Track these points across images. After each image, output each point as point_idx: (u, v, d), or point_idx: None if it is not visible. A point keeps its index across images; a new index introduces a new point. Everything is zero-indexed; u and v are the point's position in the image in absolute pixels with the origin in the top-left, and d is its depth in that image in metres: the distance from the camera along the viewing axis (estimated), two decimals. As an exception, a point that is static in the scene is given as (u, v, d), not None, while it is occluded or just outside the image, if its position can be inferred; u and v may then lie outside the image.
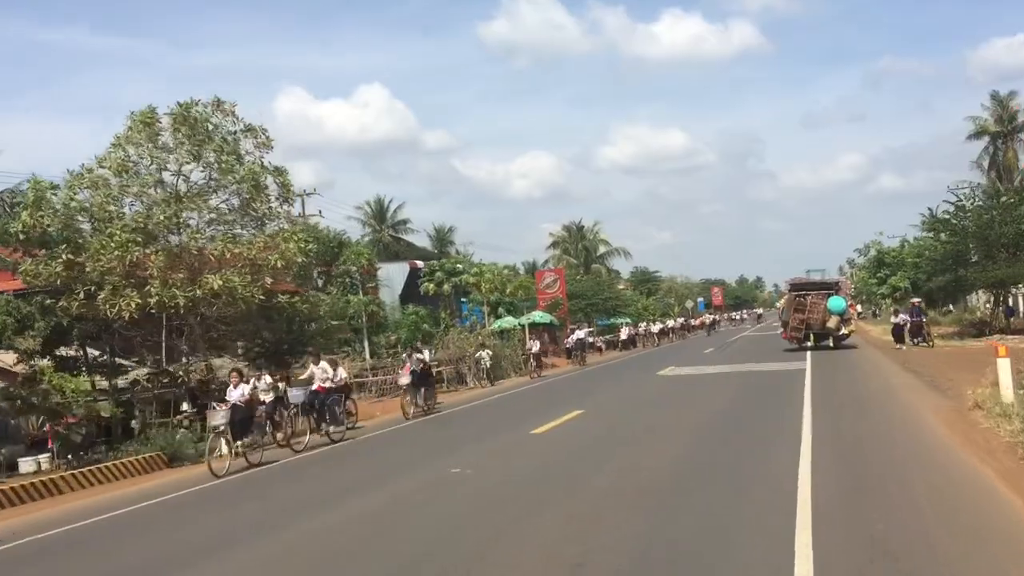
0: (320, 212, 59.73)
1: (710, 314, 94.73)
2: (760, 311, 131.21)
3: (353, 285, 43.12)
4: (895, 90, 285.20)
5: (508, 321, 46.44)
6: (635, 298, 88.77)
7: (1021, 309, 48.99)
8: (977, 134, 69.91)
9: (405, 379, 22.36)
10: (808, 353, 34.14)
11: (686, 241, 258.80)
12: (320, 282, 46.58)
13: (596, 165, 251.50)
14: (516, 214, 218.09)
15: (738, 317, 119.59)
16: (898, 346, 33.97)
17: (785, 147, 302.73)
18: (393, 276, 50.14)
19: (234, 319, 21.45)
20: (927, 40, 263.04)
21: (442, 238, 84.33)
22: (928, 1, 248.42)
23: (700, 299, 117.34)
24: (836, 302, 38.02)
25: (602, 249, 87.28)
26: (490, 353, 32.26)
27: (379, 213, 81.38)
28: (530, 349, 35.23)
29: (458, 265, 47.51)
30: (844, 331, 38.18)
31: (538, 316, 48.06)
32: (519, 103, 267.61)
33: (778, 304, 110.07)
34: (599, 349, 51.46)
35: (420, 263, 52.84)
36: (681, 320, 77.32)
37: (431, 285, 45.42)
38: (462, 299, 50.90)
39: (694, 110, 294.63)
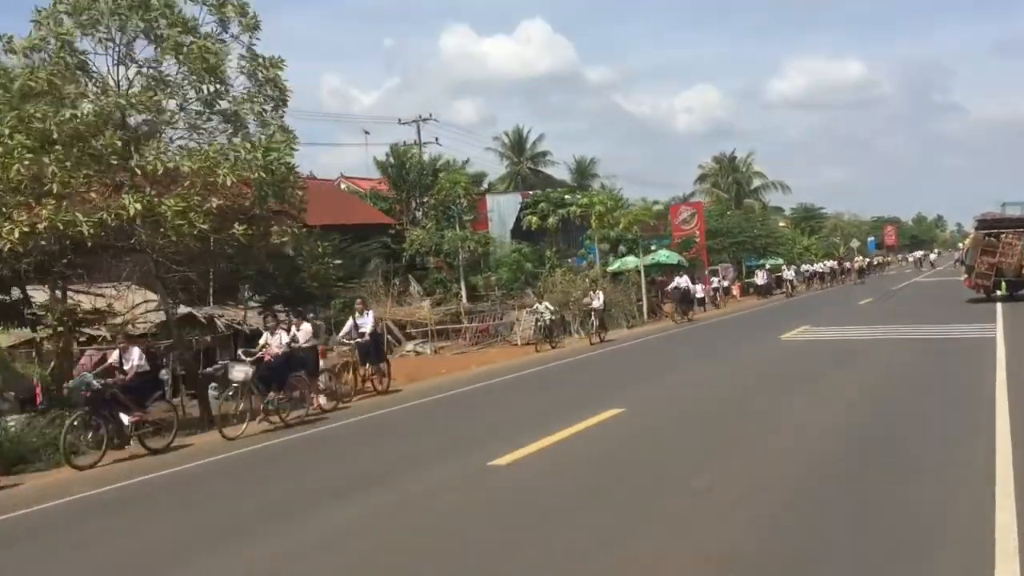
0: (437, 140, 54.13)
1: (864, 256, 78.86)
2: (920, 254, 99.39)
3: (449, 218, 37.41)
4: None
5: (629, 261, 39.63)
6: (793, 236, 79.24)
7: None
8: None
9: (240, 372, 13.32)
10: (998, 308, 25.82)
11: (859, 178, 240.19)
12: (418, 214, 41.28)
13: (765, 99, 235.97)
14: (679, 150, 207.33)
15: (911, 259, 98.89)
16: None
17: (974, 77, 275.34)
18: (504, 208, 44.08)
19: (204, 255, 15.98)
20: None
21: (583, 171, 78.09)
22: None
23: (871, 238, 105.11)
24: (1039, 243, 29.29)
25: (756, 182, 78.01)
26: (550, 307, 25.50)
27: (517, 145, 76.02)
28: (588, 304, 26.09)
29: (569, 196, 40.75)
30: (1048, 279, 29.48)
31: (663, 256, 40.95)
32: (684, 35, 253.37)
33: (960, 245, 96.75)
34: (719, 297, 43.11)
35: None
36: (830, 263, 62.41)
37: (534, 218, 39.02)
38: (584, 236, 44.27)
39: (874, 38, 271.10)
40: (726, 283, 43.72)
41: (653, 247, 46.62)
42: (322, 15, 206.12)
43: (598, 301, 25.41)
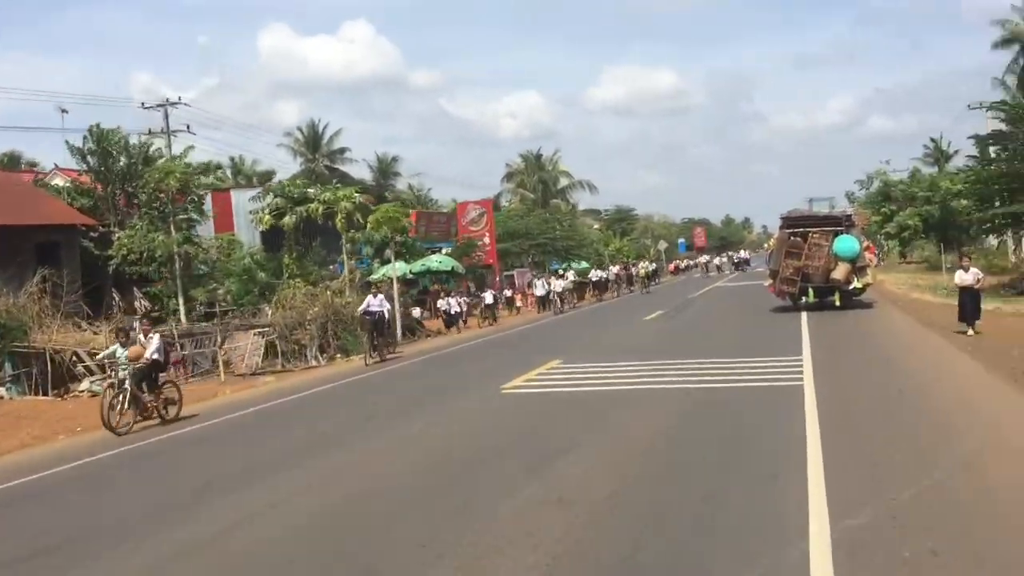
0: (188, 127, 44.96)
1: (651, 261, 62.41)
2: (707, 258, 79.42)
3: (164, 217, 29.34)
4: (888, 30, 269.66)
5: (398, 268, 32.91)
6: (600, 238, 75.18)
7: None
8: (1005, 42, 55.42)
9: None
10: (804, 325, 20.72)
11: (675, 183, 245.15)
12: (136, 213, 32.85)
13: (587, 106, 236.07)
14: (503, 154, 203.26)
15: (703, 262, 77.03)
16: (964, 329, 17.20)
17: (776, 88, 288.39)
18: (249, 208, 36.24)
19: None
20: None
21: (384, 169, 71.49)
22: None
23: (681, 240, 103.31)
24: (847, 244, 24.68)
25: (563, 182, 73.19)
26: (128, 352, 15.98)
27: (312, 140, 68.39)
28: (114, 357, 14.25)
29: (312, 190, 33.40)
30: (857, 284, 24.98)
31: (435, 261, 34.43)
32: (510, 41, 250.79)
33: (766, 245, 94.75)
34: (495, 312, 35.09)
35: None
36: (615, 269, 49.77)
37: (266, 217, 31.50)
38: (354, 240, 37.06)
39: (686, 50, 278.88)
40: (508, 292, 37.29)
41: (445, 250, 40.25)
42: (135, 13, 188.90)
43: (152, 350, 13.92)
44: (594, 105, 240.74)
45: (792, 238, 25.50)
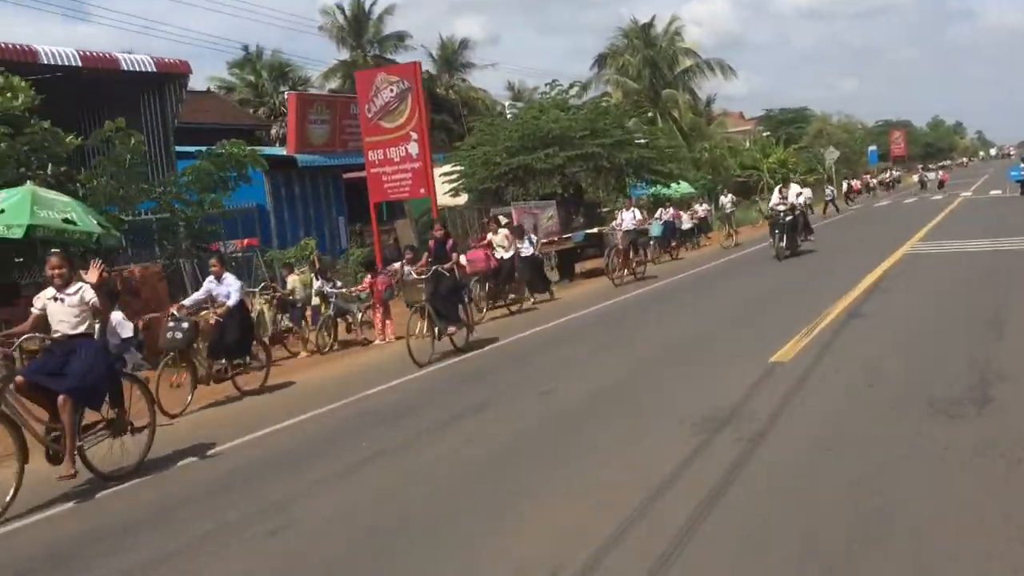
0: None
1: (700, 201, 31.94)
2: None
3: None
4: None
5: None
6: (760, 147, 49.54)
7: None
8: None
9: None
10: None
11: (873, 89, 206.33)
12: None
13: (775, 9, 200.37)
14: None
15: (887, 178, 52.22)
16: None
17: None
18: None
19: None
20: None
21: (449, 58, 49.44)
22: None
23: (872, 148, 73.96)
24: None
25: (687, 63, 47.31)
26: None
27: (354, 24, 47.46)
28: None
29: None
30: None
31: (56, 216, 11.34)
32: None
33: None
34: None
35: None
36: (667, 213, 25.27)
37: None
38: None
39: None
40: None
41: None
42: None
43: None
44: (785, 8, 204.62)
45: None
